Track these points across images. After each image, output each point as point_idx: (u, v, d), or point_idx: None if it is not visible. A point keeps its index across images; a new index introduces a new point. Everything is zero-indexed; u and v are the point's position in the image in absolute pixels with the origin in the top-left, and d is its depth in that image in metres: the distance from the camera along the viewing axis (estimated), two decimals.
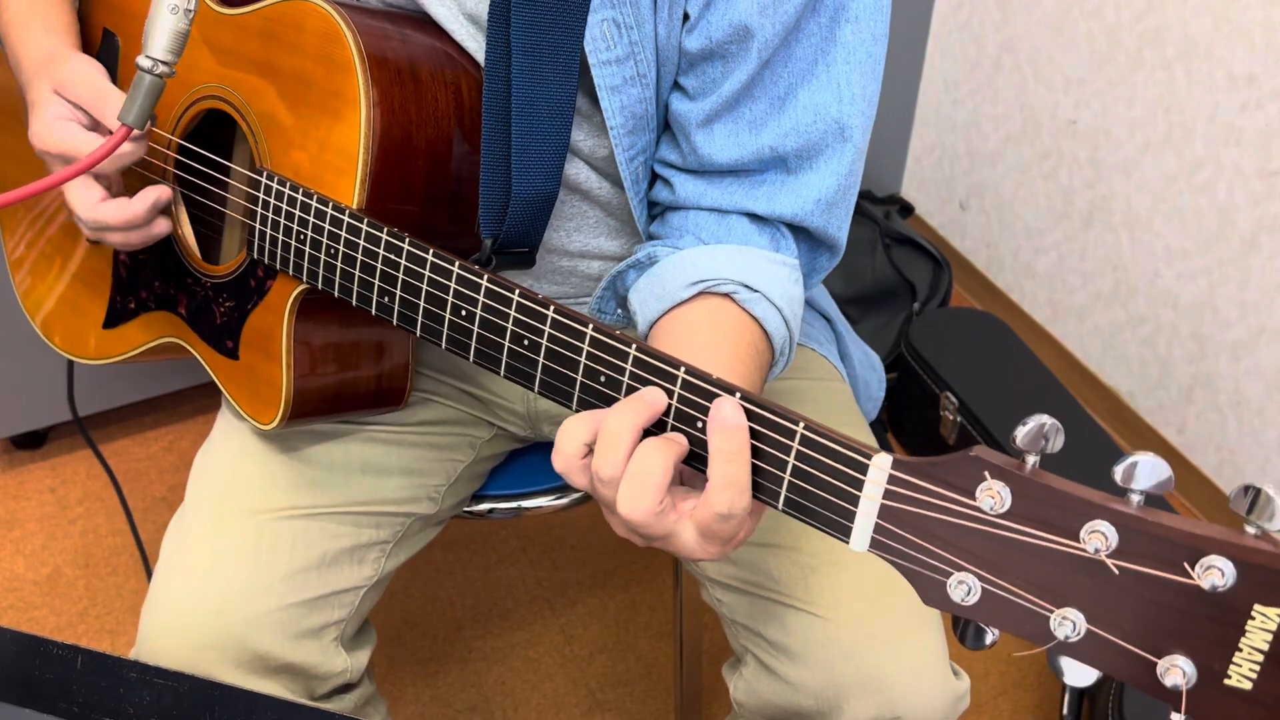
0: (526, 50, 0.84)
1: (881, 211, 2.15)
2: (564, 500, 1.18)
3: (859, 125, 0.87)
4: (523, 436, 1.13)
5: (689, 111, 0.88)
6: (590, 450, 0.69)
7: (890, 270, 2.07)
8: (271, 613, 0.94)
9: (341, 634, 0.99)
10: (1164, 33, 1.72)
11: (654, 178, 0.94)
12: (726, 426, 0.66)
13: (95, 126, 0.92)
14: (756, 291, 0.85)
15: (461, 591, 1.73)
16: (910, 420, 1.96)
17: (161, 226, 0.95)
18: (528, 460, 1.19)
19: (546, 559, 1.78)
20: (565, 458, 0.69)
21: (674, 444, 0.68)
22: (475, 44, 0.89)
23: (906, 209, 2.34)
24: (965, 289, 2.26)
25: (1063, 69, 1.92)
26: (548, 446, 1.18)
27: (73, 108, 0.92)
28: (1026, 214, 2.08)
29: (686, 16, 0.85)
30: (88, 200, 0.93)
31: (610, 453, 0.67)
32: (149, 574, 1.27)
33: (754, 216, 0.89)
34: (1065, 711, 1.51)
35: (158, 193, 0.94)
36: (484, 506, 1.16)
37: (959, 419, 1.81)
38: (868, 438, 1.04)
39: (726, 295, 0.85)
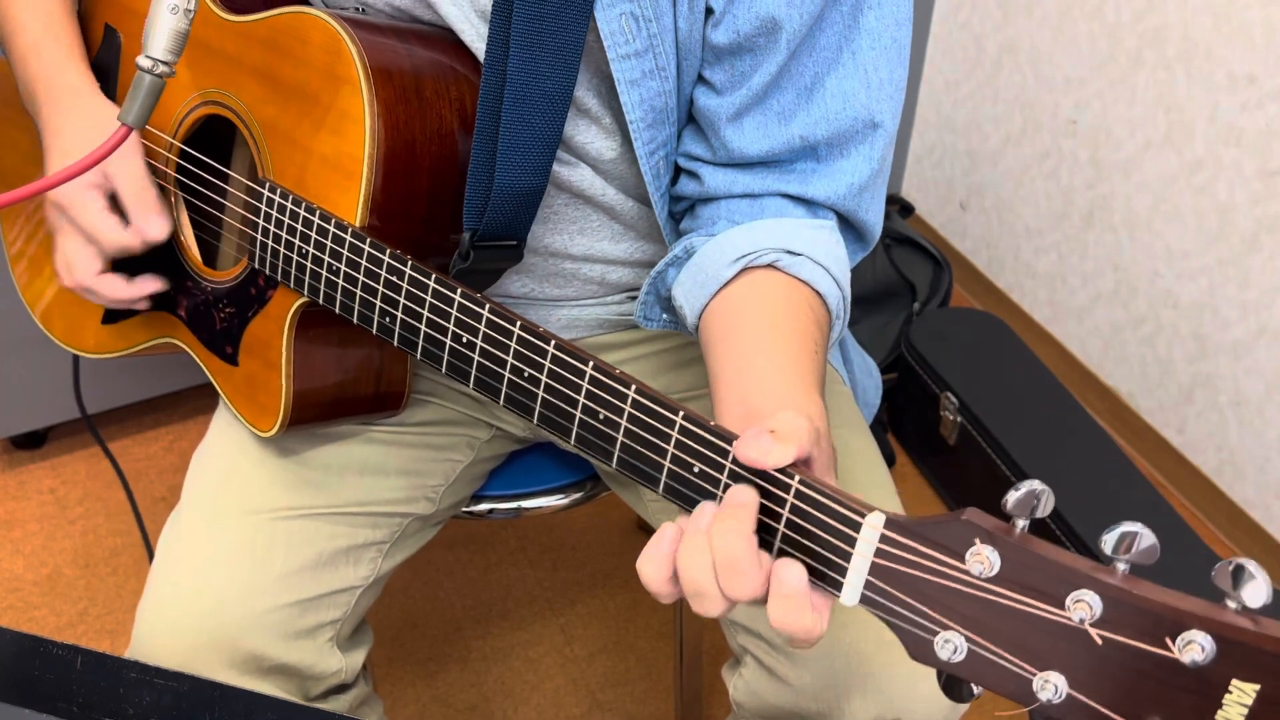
0: (525, 43, 0.83)
1: None
2: (564, 500, 1.18)
3: (888, 111, 0.86)
4: (522, 437, 1.13)
5: (718, 107, 0.87)
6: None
7: (890, 270, 2.07)
8: (266, 613, 0.94)
9: (337, 634, 0.99)
10: (1164, 33, 1.72)
11: (678, 172, 0.93)
12: (786, 595, 0.63)
13: (116, 207, 0.95)
14: (800, 255, 0.84)
15: (461, 591, 1.73)
16: (910, 420, 1.96)
17: (144, 306, 0.99)
18: (528, 460, 1.19)
19: (546, 559, 1.78)
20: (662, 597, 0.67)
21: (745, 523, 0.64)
22: (483, 45, 0.88)
23: (906, 209, 2.34)
24: (965, 289, 2.26)
25: (1063, 69, 1.92)
26: (548, 447, 1.18)
27: (103, 182, 0.94)
28: (1026, 214, 2.08)
29: (710, 11, 0.85)
30: (88, 267, 0.96)
31: (743, 579, 0.63)
32: None
33: (787, 196, 0.89)
34: None
35: (155, 286, 0.98)
36: (484, 507, 1.16)
37: (959, 419, 1.81)
38: (869, 440, 1.04)
39: (770, 265, 0.84)
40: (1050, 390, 1.83)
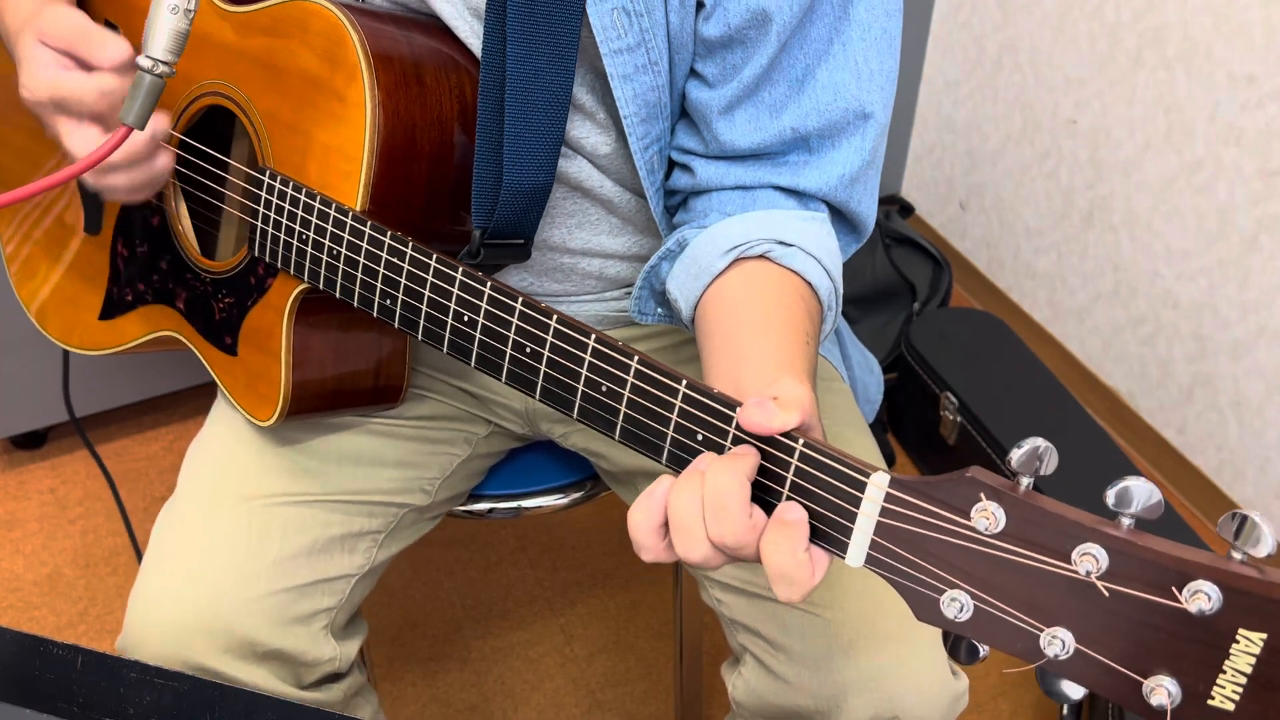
0: (522, 40, 0.83)
1: (881, 212, 2.15)
2: (564, 500, 1.18)
3: (879, 102, 0.86)
4: (521, 434, 1.13)
5: (710, 100, 0.87)
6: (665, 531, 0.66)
7: (890, 270, 2.07)
8: (260, 598, 0.94)
9: (331, 622, 0.99)
10: (1164, 33, 1.72)
11: (671, 166, 0.93)
12: (786, 521, 0.64)
13: (83, 66, 0.88)
14: (791, 246, 0.85)
15: (461, 591, 1.73)
16: (910, 420, 1.96)
17: (164, 160, 0.91)
18: (527, 460, 1.19)
19: (546, 559, 1.78)
20: (651, 551, 0.67)
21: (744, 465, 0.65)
22: (478, 41, 0.88)
23: (906, 209, 2.34)
24: (965, 289, 2.26)
25: (1063, 69, 1.92)
26: (548, 446, 1.18)
27: (58, 54, 0.88)
28: (1026, 214, 2.08)
29: (701, 4, 0.85)
30: (85, 140, 0.88)
31: (732, 518, 0.64)
32: None
33: (778, 188, 0.89)
34: (1065, 712, 1.51)
35: (155, 122, 0.89)
36: (484, 506, 1.16)
37: (959, 419, 1.81)
38: (868, 439, 1.04)
39: (762, 256, 0.85)
40: (1050, 390, 1.83)
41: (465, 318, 0.79)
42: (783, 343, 0.79)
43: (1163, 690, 0.55)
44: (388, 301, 0.84)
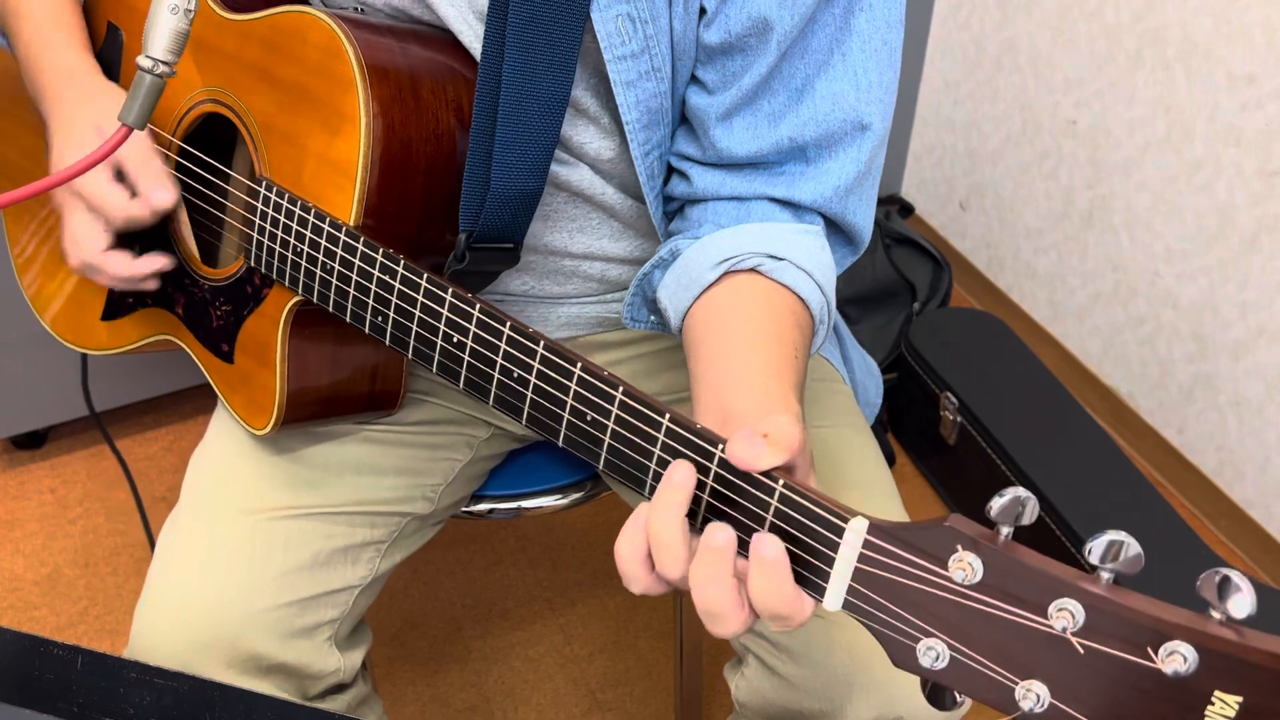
0: (521, 44, 0.83)
1: (881, 212, 2.15)
2: (564, 500, 1.18)
3: (878, 113, 0.86)
4: (521, 435, 1.13)
5: (708, 106, 0.87)
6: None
7: (890, 270, 2.07)
8: (264, 612, 0.94)
9: (335, 634, 0.99)
10: (1164, 33, 1.72)
11: (669, 172, 0.93)
12: (765, 560, 0.64)
13: (121, 178, 0.93)
14: (783, 260, 0.84)
15: (461, 591, 1.73)
16: (910, 420, 1.96)
17: (151, 285, 0.98)
18: (527, 460, 1.19)
19: (546, 559, 1.78)
20: (641, 584, 0.67)
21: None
22: (480, 45, 0.88)
23: (906, 209, 2.34)
24: (965, 289, 2.26)
25: (1063, 69, 1.92)
26: (548, 446, 1.18)
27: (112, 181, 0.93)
28: (1026, 214, 2.08)
29: (703, 11, 0.85)
30: (94, 243, 0.94)
31: (671, 558, 0.65)
32: None
33: (773, 199, 0.89)
34: None
35: (162, 262, 0.96)
36: (484, 506, 1.16)
37: (959, 419, 1.81)
38: (870, 439, 1.04)
39: (753, 270, 0.84)
40: (1050, 390, 1.83)
41: (454, 339, 0.79)
42: (770, 356, 0.79)
43: None
44: (379, 319, 0.84)
